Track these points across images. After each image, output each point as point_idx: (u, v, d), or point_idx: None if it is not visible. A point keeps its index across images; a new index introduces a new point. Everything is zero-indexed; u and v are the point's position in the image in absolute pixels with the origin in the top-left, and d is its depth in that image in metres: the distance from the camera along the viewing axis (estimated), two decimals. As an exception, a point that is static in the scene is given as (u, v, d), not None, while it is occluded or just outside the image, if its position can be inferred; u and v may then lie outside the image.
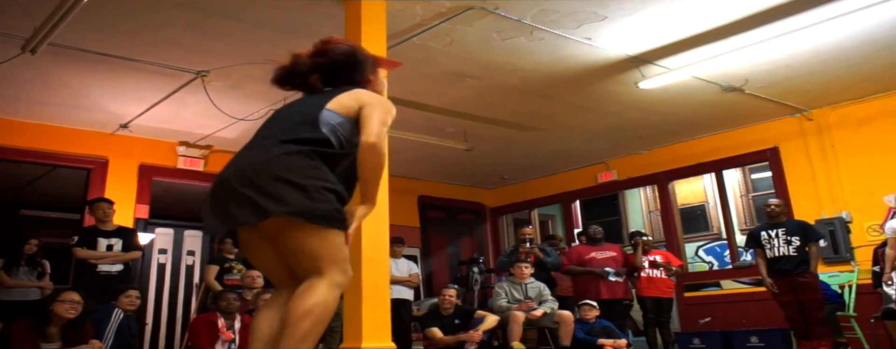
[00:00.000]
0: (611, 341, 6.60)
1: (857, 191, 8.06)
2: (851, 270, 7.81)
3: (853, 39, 6.47)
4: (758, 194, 10.92)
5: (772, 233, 6.42)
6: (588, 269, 7.52)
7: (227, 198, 2.29)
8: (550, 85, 7.35)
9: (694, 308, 9.21)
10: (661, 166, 9.93)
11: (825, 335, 6.19)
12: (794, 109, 8.40)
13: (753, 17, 5.97)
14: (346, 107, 2.47)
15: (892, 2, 5.57)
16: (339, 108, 2.47)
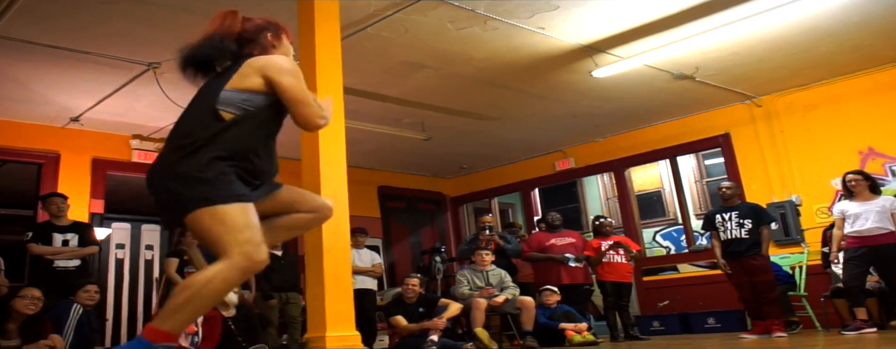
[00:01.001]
0: (572, 325, 6.69)
1: (806, 175, 8.30)
2: (801, 252, 8.05)
3: (798, 27, 6.65)
4: (711, 179, 11.15)
5: (725, 216, 6.56)
6: (548, 256, 7.61)
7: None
8: (506, 74, 7.41)
9: (652, 291, 9.41)
10: (617, 153, 10.09)
11: (777, 314, 6.36)
12: (744, 96, 8.60)
13: (703, 6, 6.10)
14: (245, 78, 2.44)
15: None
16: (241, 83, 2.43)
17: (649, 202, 11.61)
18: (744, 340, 5.56)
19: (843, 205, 6.37)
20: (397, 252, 11.15)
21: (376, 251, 9.15)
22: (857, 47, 7.21)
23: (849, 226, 6.19)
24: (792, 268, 7.90)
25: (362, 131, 8.47)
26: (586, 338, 6.48)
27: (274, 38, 2.65)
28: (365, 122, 8.32)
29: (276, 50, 2.65)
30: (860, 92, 7.98)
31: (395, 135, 8.93)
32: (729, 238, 6.50)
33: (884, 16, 6.49)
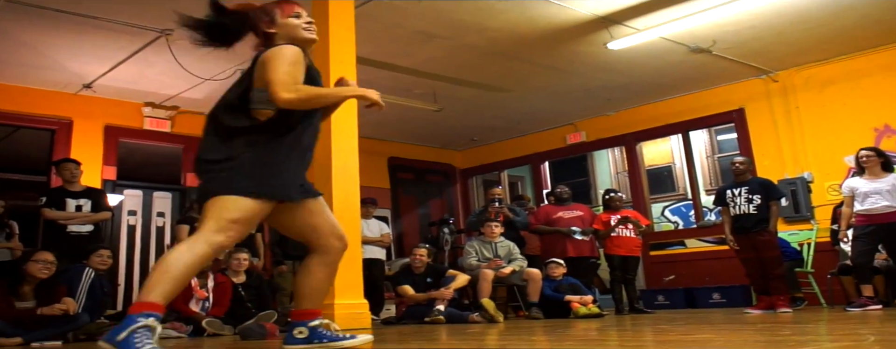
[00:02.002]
0: (577, 297, 6.71)
1: (820, 152, 8.25)
2: (811, 228, 8.04)
3: (814, 2, 6.58)
4: (723, 155, 11.11)
5: (736, 192, 6.53)
6: (555, 228, 7.62)
7: None
8: (519, 45, 7.35)
9: (659, 266, 9.43)
10: (628, 127, 10.04)
11: (783, 290, 6.37)
12: (761, 70, 8.53)
13: (723, -23, 6.03)
14: (260, 77, 2.58)
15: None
16: (259, 82, 2.58)
17: (659, 177, 11.59)
18: (748, 315, 5.56)
19: (853, 182, 6.31)
20: (406, 223, 11.18)
21: (385, 222, 9.17)
22: (878, 21, 7.12)
23: (859, 203, 6.15)
24: (800, 244, 7.88)
25: (373, 101, 8.42)
26: (591, 311, 6.49)
27: (269, 23, 2.69)
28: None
29: (279, 33, 2.70)
30: (879, 68, 7.90)
31: (407, 106, 8.89)
32: (738, 213, 6.48)
33: (907, -12, 6.41)
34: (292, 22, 2.69)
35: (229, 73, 7.56)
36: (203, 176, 2.58)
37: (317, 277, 2.76)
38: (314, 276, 2.76)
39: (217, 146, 2.56)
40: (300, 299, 2.76)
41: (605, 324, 4.89)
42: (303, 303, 2.74)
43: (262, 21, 2.67)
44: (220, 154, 2.54)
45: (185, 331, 5.26)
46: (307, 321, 2.71)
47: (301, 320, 2.72)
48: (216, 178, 2.52)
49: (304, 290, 2.76)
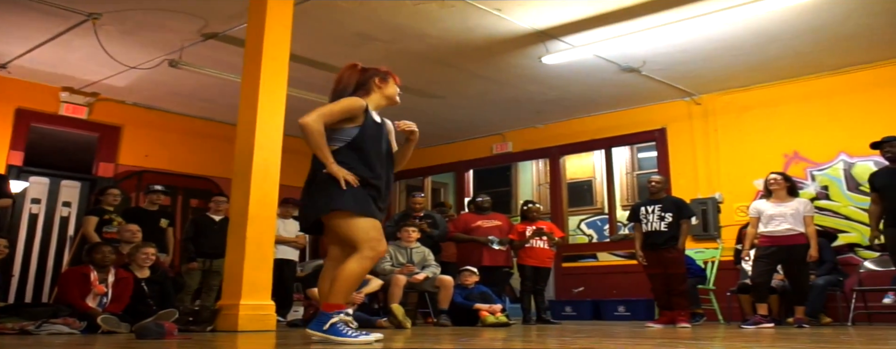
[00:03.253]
0: (487, 306, 6.76)
1: (732, 174, 8.57)
2: (716, 247, 8.34)
3: (746, 30, 6.84)
4: (642, 172, 11.40)
5: (649, 209, 6.71)
6: (472, 238, 7.67)
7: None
8: (456, 53, 7.39)
9: (569, 277, 9.62)
10: (554, 141, 10.21)
11: (685, 306, 6.58)
12: (685, 93, 8.80)
13: (657, 1, 6.19)
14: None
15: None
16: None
17: (579, 190, 11.80)
18: (649, 329, 5.72)
19: (760, 204, 6.54)
20: (324, 224, 11.01)
21: (301, 222, 9.03)
22: (799, 53, 7.46)
23: (763, 225, 6.37)
24: (705, 262, 8.17)
25: (303, 100, 8.30)
26: (499, 319, 6.54)
27: (381, 82, 3.59)
28: (307, 92, 8.18)
29: (380, 90, 3.58)
30: (795, 97, 8.26)
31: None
32: (649, 230, 6.65)
33: (829, 25, 6.73)
34: (395, 88, 3.64)
35: (156, 62, 7.36)
36: None
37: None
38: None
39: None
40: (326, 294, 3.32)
41: (511, 333, 4.94)
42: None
43: (378, 78, 3.59)
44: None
45: (79, 326, 5.00)
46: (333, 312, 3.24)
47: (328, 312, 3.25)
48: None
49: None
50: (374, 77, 3.59)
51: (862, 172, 7.70)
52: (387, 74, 3.63)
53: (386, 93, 3.60)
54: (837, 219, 7.82)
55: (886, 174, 6.07)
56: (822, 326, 6.47)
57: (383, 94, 3.59)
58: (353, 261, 3.18)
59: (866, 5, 6.31)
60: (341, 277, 3.16)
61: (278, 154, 5.52)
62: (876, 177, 6.19)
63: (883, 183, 6.02)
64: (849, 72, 7.87)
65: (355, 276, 3.18)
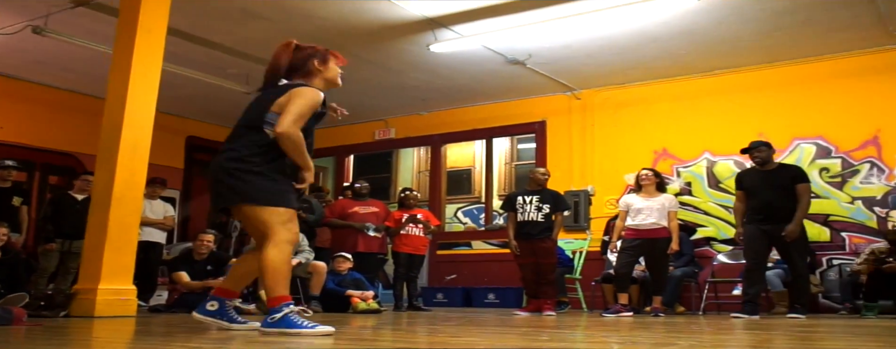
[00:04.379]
0: (359, 292, 6.75)
1: (605, 168, 8.92)
2: (585, 238, 8.67)
3: (627, 30, 7.13)
4: (520, 163, 11.67)
5: (527, 199, 6.85)
6: (348, 224, 7.61)
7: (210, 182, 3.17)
8: (343, 36, 7.30)
9: (443, 265, 9.77)
10: (437, 129, 10.28)
11: (552, 295, 6.82)
12: (567, 87, 9.06)
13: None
14: (279, 106, 3.04)
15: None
16: (278, 108, 3.05)
17: (459, 179, 11.96)
18: (516, 317, 5.89)
19: (629, 198, 6.85)
20: (195, 206, 10.66)
21: (172, 203, 8.69)
22: (674, 55, 7.83)
23: (630, 219, 6.66)
24: (574, 252, 8.48)
25: (179, 76, 8.01)
26: (370, 306, 6.55)
27: (320, 63, 3.24)
28: (185, 67, 7.88)
29: (321, 73, 3.24)
30: (667, 96, 8.67)
31: (216, 84, 8.54)
32: (525, 220, 6.78)
33: (703, 29, 7.10)
34: (336, 69, 3.31)
35: (18, 28, 6.88)
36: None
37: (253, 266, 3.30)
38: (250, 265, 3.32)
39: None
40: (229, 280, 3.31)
41: (380, 320, 4.95)
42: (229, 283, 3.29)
43: (317, 60, 3.22)
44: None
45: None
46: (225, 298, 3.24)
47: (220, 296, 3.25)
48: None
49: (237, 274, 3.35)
50: (312, 58, 3.24)
51: (722, 171, 8.21)
52: (326, 54, 3.29)
53: (327, 76, 3.27)
54: (698, 214, 8.29)
55: (754, 175, 6.45)
56: (676, 315, 6.85)
57: (324, 77, 3.26)
58: (271, 250, 2.97)
59: (738, 13, 6.70)
60: (268, 271, 2.97)
61: (149, 131, 5.29)
62: (744, 177, 6.56)
63: (751, 183, 6.40)
64: (717, 75, 8.34)
65: (281, 263, 2.98)
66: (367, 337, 3.08)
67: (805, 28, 7.07)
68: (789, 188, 6.18)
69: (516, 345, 2.55)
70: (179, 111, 10.03)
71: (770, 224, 6.11)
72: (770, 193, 6.18)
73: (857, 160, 7.59)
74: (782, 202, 6.13)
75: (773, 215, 6.11)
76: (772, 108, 8.06)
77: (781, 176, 6.26)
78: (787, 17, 6.83)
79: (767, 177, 6.27)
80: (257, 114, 3.10)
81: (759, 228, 6.17)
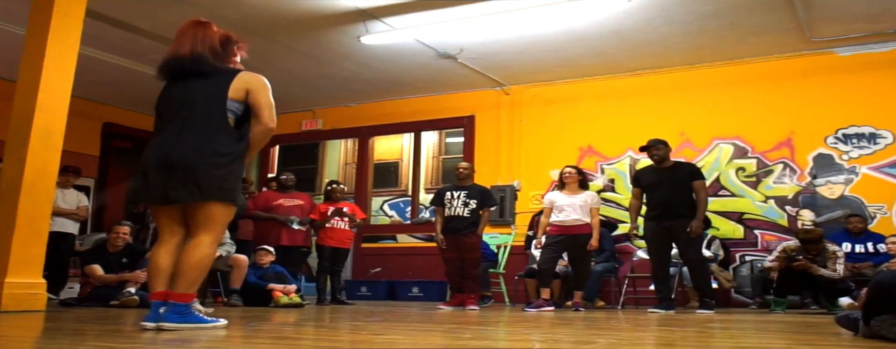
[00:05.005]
0: (281, 286, 6.64)
1: (532, 164, 9.02)
2: (510, 233, 8.75)
3: (558, 28, 7.23)
4: (448, 157, 11.71)
5: (455, 194, 6.87)
6: (272, 216, 7.46)
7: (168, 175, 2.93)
8: (273, 26, 7.17)
9: (368, 258, 9.73)
10: (366, 121, 10.21)
11: (476, 289, 6.87)
12: (497, 83, 9.12)
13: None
14: (237, 91, 3.04)
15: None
16: (235, 95, 3.04)
17: (385, 172, 11.92)
18: (439, 311, 5.92)
19: (553, 195, 6.95)
20: (111, 195, 10.29)
21: (86, 192, 8.35)
22: (602, 54, 7.97)
23: (555, 215, 6.76)
24: (498, 247, 8.55)
25: (97, 60, 7.71)
26: (293, 300, 6.43)
27: (238, 49, 3.23)
28: (104, 52, 7.59)
29: (236, 58, 3.22)
30: (594, 94, 8.83)
31: (136, 70, 8.25)
32: (452, 214, 6.80)
33: (631, 30, 7.25)
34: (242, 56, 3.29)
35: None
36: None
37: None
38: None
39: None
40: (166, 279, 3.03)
41: (303, 315, 4.87)
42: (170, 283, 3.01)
43: (235, 46, 3.23)
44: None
45: None
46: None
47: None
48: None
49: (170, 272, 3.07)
50: (232, 43, 3.23)
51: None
52: (239, 40, 3.31)
53: (238, 64, 3.28)
54: (620, 210, 8.48)
55: (652, 173, 6.65)
56: (596, 309, 7.00)
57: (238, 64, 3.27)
58: (206, 248, 2.91)
59: (666, 15, 6.87)
60: (201, 267, 2.89)
61: (63, 118, 5.06)
62: (642, 175, 6.77)
63: (650, 181, 6.60)
64: (642, 75, 8.54)
65: (209, 263, 2.94)
66: (289, 334, 3.03)
67: (728, 32, 7.30)
68: (686, 184, 6.44)
69: (440, 344, 2.55)
70: (96, 96, 9.65)
71: (669, 220, 6.36)
72: (668, 190, 6.42)
73: (772, 161, 7.90)
74: (680, 198, 6.39)
75: (671, 211, 6.36)
76: (693, 108, 8.30)
77: (678, 173, 6.52)
78: (711, 21, 7.03)
79: (665, 175, 6.52)
80: (216, 102, 3.03)
81: (660, 225, 6.42)
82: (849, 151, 7.58)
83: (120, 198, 10.20)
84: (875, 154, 7.48)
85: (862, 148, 7.55)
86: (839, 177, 7.58)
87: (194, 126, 3.00)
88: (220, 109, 3.01)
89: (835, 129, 7.67)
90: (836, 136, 7.66)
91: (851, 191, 7.53)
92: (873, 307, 2.65)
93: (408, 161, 11.47)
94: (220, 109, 3.01)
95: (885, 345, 2.49)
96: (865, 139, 7.55)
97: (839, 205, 7.55)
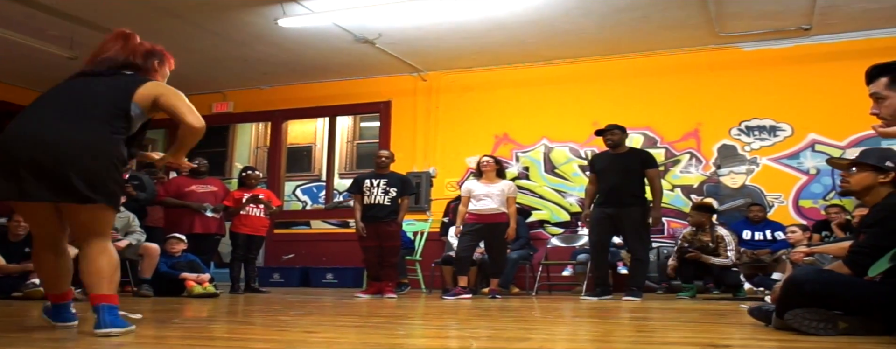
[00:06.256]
0: (194, 276, 6.44)
1: (448, 150, 9.05)
2: (426, 220, 8.76)
3: (477, 16, 7.28)
4: (363, 142, 11.62)
5: (374, 182, 6.79)
6: (185, 203, 7.20)
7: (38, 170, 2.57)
8: (184, 4, 6.93)
9: (280, 244, 9.54)
10: (279, 104, 9.98)
11: (394, 277, 6.86)
12: (414, 69, 9.07)
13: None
14: (144, 98, 2.76)
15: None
16: (141, 100, 2.76)
17: (298, 156, 11.73)
18: (358, 299, 5.88)
19: (471, 184, 6.95)
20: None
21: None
22: (521, 43, 8.05)
23: (472, 203, 6.77)
24: (415, 234, 8.55)
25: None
26: (207, 290, 6.25)
27: (159, 64, 2.99)
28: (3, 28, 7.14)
29: (157, 74, 2.97)
30: (511, 82, 8.91)
31: (35, 47, 7.79)
32: (372, 203, 6.73)
33: (549, 19, 7.34)
34: (167, 74, 3.06)
35: None
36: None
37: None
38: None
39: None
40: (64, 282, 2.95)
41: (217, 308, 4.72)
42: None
43: (157, 61, 2.98)
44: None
45: None
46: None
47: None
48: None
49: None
50: (153, 58, 2.96)
51: (558, 157, 8.59)
52: (164, 56, 3.04)
53: (159, 79, 2.96)
54: (534, 198, 8.62)
55: (606, 158, 6.69)
56: (511, 296, 7.11)
57: (160, 77, 2.99)
58: (111, 250, 2.72)
59: (583, 6, 7.01)
60: (112, 268, 2.68)
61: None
62: (597, 160, 6.80)
63: (602, 166, 6.64)
64: (558, 64, 8.69)
65: (117, 264, 2.74)
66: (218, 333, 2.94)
67: (641, 24, 7.50)
68: (637, 172, 6.46)
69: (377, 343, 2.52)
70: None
71: (613, 207, 6.37)
72: (617, 176, 6.43)
73: (679, 151, 8.20)
74: (628, 186, 6.39)
75: (617, 199, 6.37)
76: (606, 98, 8.50)
77: (631, 160, 6.52)
78: (626, 13, 7.21)
79: (617, 161, 6.52)
80: (115, 101, 2.72)
81: (603, 211, 6.43)
82: (751, 143, 7.95)
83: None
84: (775, 145, 7.88)
85: (763, 140, 7.92)
86: (741, 168, 7.95)
87: (81, 118, 2.68)
88: (116, 108, 2.71)
89: (739, 121, 8.02)
90: (740, 127, 8.01)
91: (752, 180, 7.91)
92: (787, 302, 2.78)
93: (321, 145, 11.31)
94: (116, 108, 2.71)
95: (797, 336, 2.63)
96: (766, 131, 7.93)
97: (740, 194, 7.92)
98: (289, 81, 9.71)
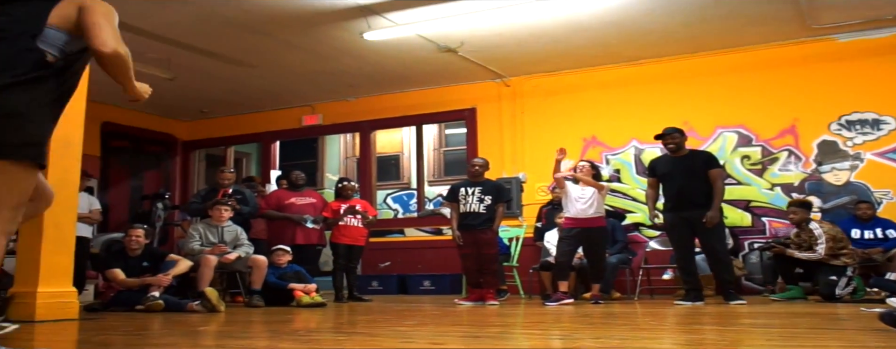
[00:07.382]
0: (301, 286, 6.61)
1: (536, 155, 8.98)
2: (520, 226, 8.74)
3: (559, 19, 7.20)
4: (449, 149, 11.67)
5: (469, 190, 6.83)
6: (286, 215, 7.43)
7: None
8: (272, 22, 7.07)
9: (376, 252, 9.62)
10: (366, 115, 10.12)
11: (494, 284, 6.86)
12: (497, 74, 9.08)
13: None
14: (65, 19, 2.27)
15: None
16: (59, 21, 2.25)
17: (387, 165, 11.87)
18: (459, 306, 5.91)
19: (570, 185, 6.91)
20: (114, 195, 10.20)
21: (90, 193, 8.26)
22: (604, 44, 7.95)
23: (569, 208, 6.74)
24: (510, 240, 8.54)
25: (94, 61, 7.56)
26: (314, 300, 6.40)
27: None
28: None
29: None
30: (596, 84, 8.81)
31: (136, 70, 8.11)
32: (467, 211, 6.77)
33: (631, 19, 7.22)
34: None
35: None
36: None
37: None
38: None
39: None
40: None
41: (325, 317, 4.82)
42: None
43: None
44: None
45: None
46: None
47: None
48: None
49: None
50: None
51: (650, 158, 8.40)
52: None
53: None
54: (627, 200, 8.50)
55: (668, 162, 6.62)
56: (613, 301, 7.02)
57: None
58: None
59: (666, 4, 6.87)
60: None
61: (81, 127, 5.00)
62: (658, 164, 6.73)
63: (664, 170, 6.57)
64: (644, 64, 8.53)
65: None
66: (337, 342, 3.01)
67: (728, 20, 7.31)
68: (702, 173, 6.35)
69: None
70: (94, 96, 9.44)
71: (687, 210, 6.28)
72: (684, 179, 6.35)
73: (776, 148, 7.95)
74: (696, 188, 6.30)
75: (688, 201, 6.29)
76: (696, 96, 8.32)
77: (694, 162, 6.43)
78: (711, 9, 7.04)
79: (680, 164, 6.44)
80: (26, 26, 2.23)
81: (679, 216, 6.35)
82: (853, 137, 7.64)
83: (122, 198, 10.10)
84: (879, 140, 7.55)
85: (866, 134, 7.61)
86: (844, 164, 7.65)
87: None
88: (25, 34, 2.23)
89: (838, 116, 7.72)
90: (840, 122, 7.71)
91: (857, 177, 7.60)
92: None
93: (408, 154, 11.42)
94: (25, 34, 2.23)
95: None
96: (869, 125, 7.61)
97: (845, 191, 7.62)
98: (375, 92, 9.86)
